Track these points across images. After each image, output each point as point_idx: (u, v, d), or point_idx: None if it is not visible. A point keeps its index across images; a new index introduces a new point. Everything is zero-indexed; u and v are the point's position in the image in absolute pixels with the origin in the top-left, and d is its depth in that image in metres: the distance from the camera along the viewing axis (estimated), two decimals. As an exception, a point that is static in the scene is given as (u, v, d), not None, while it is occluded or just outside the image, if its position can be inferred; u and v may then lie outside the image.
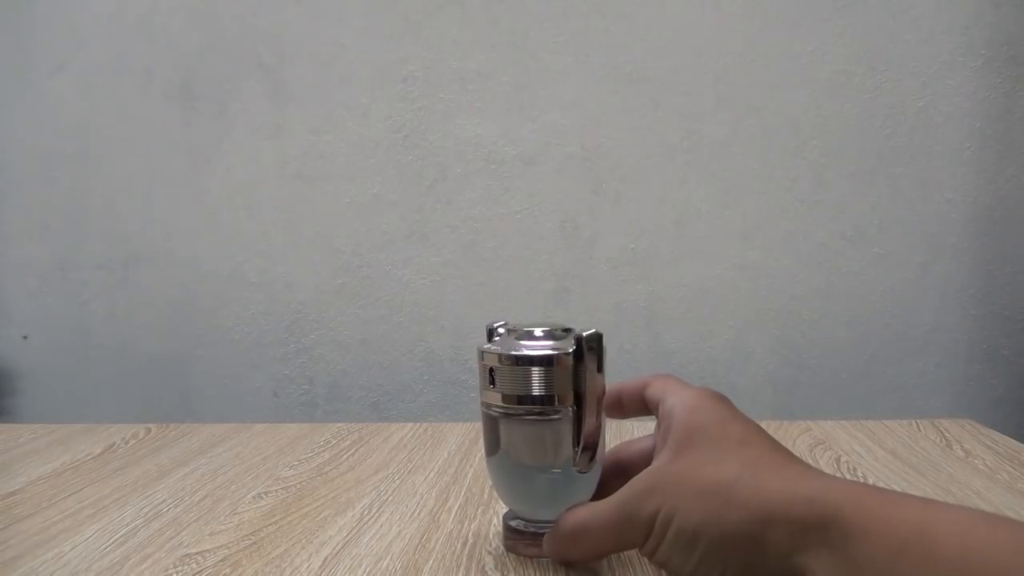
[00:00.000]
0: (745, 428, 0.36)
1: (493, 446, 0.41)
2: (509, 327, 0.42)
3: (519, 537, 0.42)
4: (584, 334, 0.39)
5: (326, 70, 0.92)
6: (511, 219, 0.91)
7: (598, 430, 0.40)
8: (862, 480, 0.54)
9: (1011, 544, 0.25)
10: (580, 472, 0.40)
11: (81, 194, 0.96)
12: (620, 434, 0.60)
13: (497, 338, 0.42)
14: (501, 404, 0.40)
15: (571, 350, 0.39)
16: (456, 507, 0.50)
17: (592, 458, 0.40)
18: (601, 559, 0.42)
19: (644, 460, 0.39)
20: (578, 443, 0.40)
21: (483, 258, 0.92)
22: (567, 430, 0.40)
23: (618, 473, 0.42)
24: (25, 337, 0.99)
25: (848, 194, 0.88)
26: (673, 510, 0.33)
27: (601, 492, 0.42)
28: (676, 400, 0.38)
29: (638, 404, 0.43)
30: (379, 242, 0.93)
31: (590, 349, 0.39)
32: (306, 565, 0.42)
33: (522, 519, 0.42)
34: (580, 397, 0.39)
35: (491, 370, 0.40)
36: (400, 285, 0.93)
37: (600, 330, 0.39)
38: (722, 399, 0.39)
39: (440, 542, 0.45)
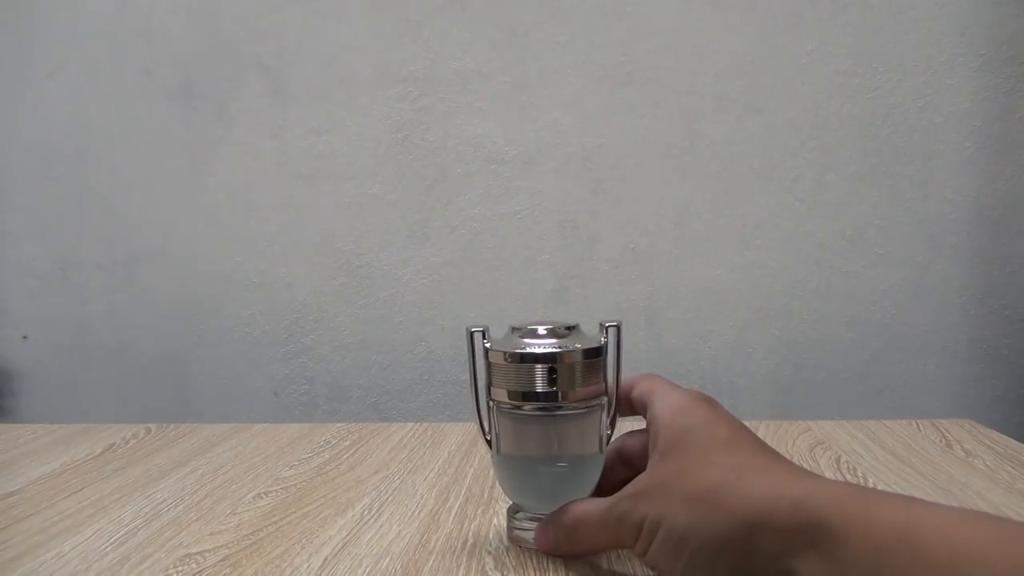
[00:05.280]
0: (730, 430, 0.36)
1: (498, 442, 0.43)
2: (513, 326, 0.43)
3: (524, 530, 0.43)
4: (607, 324, 0.42)
5: (326, 70, 0.92)
6: (511, 219, 0.91)
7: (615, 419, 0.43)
8: (862, 480, 0.54)
9: (996, 543, 0.25)
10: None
11: (81, 194, 0.96)
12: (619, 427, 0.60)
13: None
14: (506, 401, 0.41)
15: (595, 345, 0.42)
16: (456, 507, 0.50)
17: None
18: (595, 555, 0.42)
19: (646, 450, 0.40)
20: (611, 428, 0.43)
21: (483, 258, 0.92)
22: (571, 426, 0.41)
23: (622, 462, 0.43)
24: (25, 337, 0.99)
25: (848, 194, 0.88)
26: (660, 516, 0.34)
27: (605, 481, 0.43)
28: (663, 403, 0.39)
29: (625, 405, 0.43)
30: (379, 242, 0.93)
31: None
32: (306, 565, 0.42)
33: (526, 513, 0.43)
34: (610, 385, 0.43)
35: (496, 367, 0.42)
36: (400, 285, 0.93)
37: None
38: (708, 400, 0.39)
39: (440, 542, 0.45)
